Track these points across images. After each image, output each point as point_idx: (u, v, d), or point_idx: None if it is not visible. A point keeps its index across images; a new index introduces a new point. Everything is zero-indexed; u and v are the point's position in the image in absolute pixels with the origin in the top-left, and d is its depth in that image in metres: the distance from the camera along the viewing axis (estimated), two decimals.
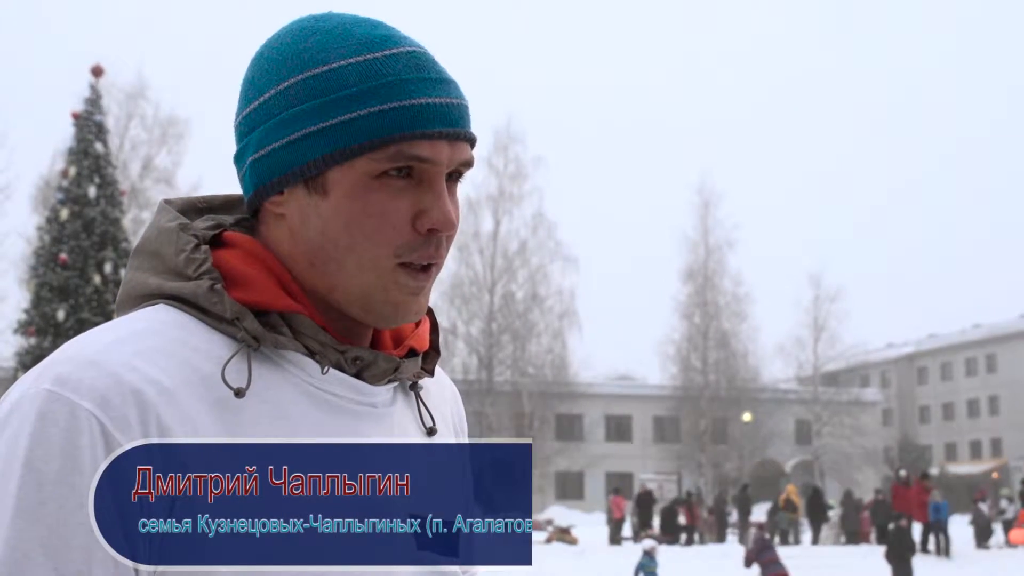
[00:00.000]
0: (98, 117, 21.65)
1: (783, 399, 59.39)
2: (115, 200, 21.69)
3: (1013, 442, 75.21)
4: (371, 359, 1.20)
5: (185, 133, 38.00)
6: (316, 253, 1.18)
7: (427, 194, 1.18)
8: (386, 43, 1.19)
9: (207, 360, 1.13)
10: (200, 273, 1.16)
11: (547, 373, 52.06)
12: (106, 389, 1.06)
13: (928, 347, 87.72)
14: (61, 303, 20.52)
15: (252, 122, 1.21)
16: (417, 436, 1.29)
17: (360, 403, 1.21)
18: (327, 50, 1.18)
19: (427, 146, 1.16)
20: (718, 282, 54.45)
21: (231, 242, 1.23)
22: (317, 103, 1.16)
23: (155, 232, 1.22)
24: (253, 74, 1.23)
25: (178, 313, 1.16)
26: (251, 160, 1.21)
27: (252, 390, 1.13)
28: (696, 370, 54.47)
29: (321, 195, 1.17)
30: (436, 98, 1.17)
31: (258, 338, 1.14)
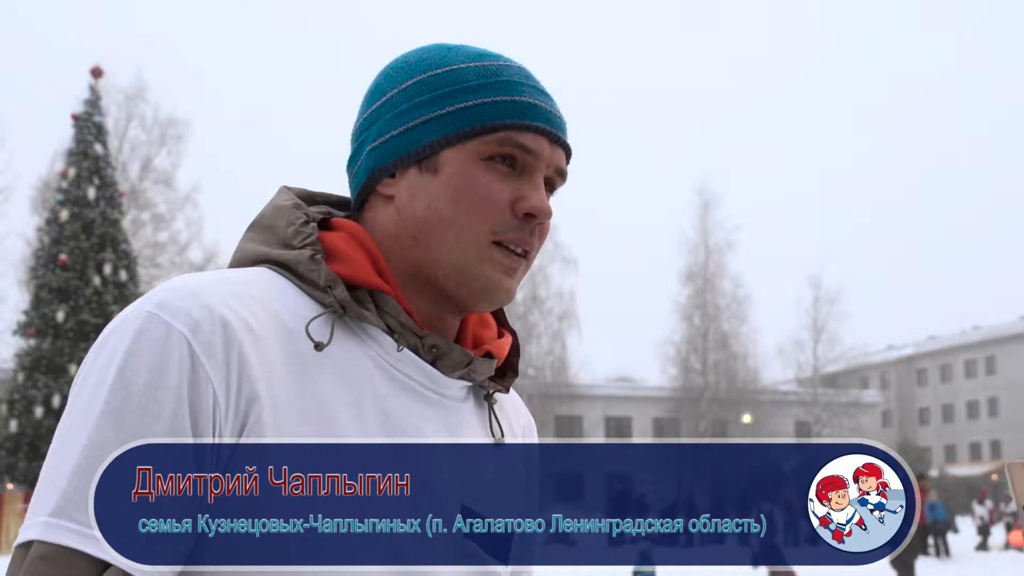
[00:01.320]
0: (97, 118, 21.69)
1: (783, 401, 59.36)
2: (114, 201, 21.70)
3: (1012, 444, 75.18)
4: (447, 349, 1.28)
5: (184, 134, 37.91)
6: (420, 227, 1.27)
7: (527, 183, 1.28)
8: (499, 57, 1.33)
9: (294, 317, 1.21)
10: (304, 244, 1.26)
11: (547, 374, 52.07)
12: (200, 316, 1.15)
13: (928, 349, 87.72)
14: (61, 304, 20.52)
15: (372, 119, 1.32)
16: (482, 439, 1.34)
17: (430, 390, 1.28)
18: (447, 57, 1.31)
19: (532, 138, 1.28)
20: (718, 284, 54.47)
21: (337, 226, 1.32)
22: (436, 94, 1.28)
23: (271, 209, 1.33)
24: (376, 83, 1.35)
25: (277, 276, 1.25)
26: (369, 149, 1.31)
27: (329, 351, 1.21)
28: (696, 372, 54.48)
29: (432, 174, 1.27)
30: (542, 103, 1.30)
31: (344, 306, 1.23)
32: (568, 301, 52.38)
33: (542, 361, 52.40)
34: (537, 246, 1.30)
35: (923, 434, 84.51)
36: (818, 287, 56.54)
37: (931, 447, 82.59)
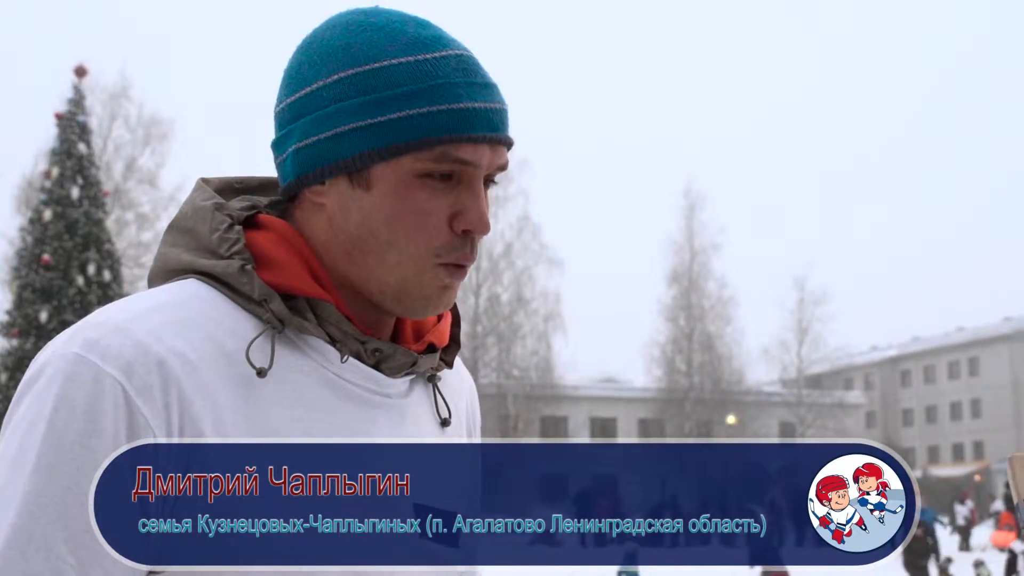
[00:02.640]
0: (81, 118, 21.59)
1: (767, 402, 59.52)
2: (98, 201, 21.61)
3: (995, 445, 75.52)
4: (390, 352, 1.24)
5: (169, 133, 37.85)
6: (355, 244, 1.22)
7: (465, 195, 1.22)
8: (436, 44, 1.22)
9: (232, 337, 1.16)
10: (232, 253, 1.20)
11: (532, 375, 52.07)
12: (132, 357, 1.09)
13: (911, 350, 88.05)
14: (44, 304, 20.43)
15: (297, 111, 1.23)
16: (430, 427, 1.32)
17: (375, 393, 1.24)
18: (377, 47, 1.21)
19: (471, 149, 1.20)
20: (703, 285, 54.59)
21: (265, 225, 1.25)
22: (367, 99, 1.19)
23: (191, 209, 1.26)
24: (300, 62, 1.25)
25: (208, 289, 1.19)
26: (295, 148, 1.23)
27: (273, 371, 1.16)
28: (681, 373, 54.57)
29: (364, 189, 1.20)
30: (482, 103, 1.21)
31: (283, 321, 1.18)
32: (553, 302, 52.37)
33: (527, 362, 52.38)
34: (475, 256, 1.26)
35: (906, 435, 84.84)
36: (803, 288, 56.77)
37: (914, 448, 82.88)
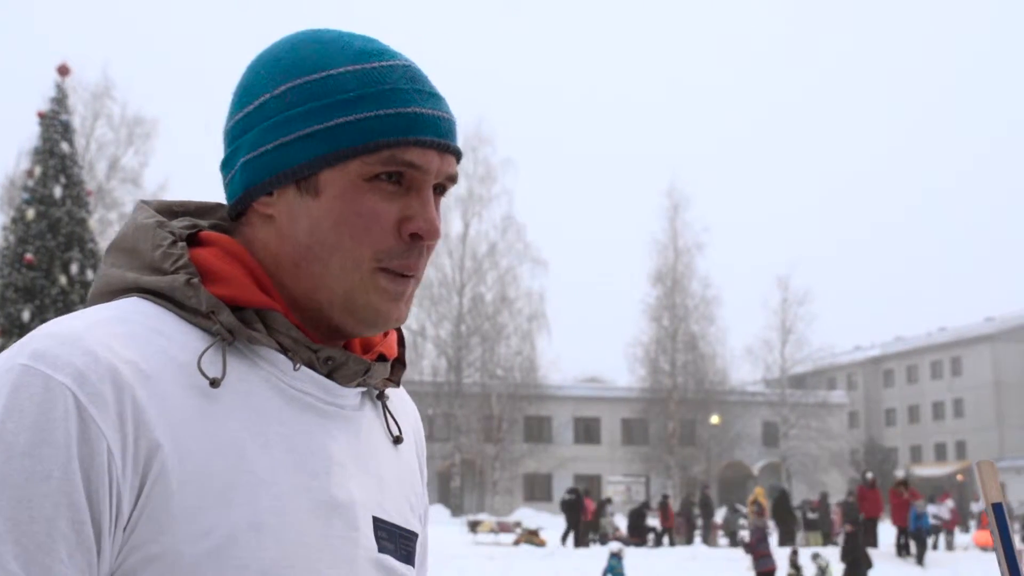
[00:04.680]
0: (64, 117, 21.50)
1: (751, 402, 59.65)
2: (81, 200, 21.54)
3: (977, 444, 75.84)
4: (343, 360, 1.21)
5: (152, 133, 37.82)
6: (303, 253, 1.20)
7: (414, 200, 1.20)
8: (383, 55, 1.22)
9: (183, 350, 1.13)
10: (176, 268, 1.17)
11: (516, 375, 52.06)
12: (83, 365, 1.06)
13: (894, 350, 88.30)
14: (26, 304, 20.36)
15: (245, 126, 1.22)
16: (384, 444, 1.31)
17: (329, 403, 1.22)
18: (324, 58, 1.21)
19: (418, 153, 1.19)
20: (687, 285, 54.66)
21: (208, 240, 1.23)
22: (313, 106, 1.18)
23: (132, 229, 1.23)
24: (248, 81, 1.24)
25: (153, 306, 1.16)
26: (243, 161, 1.21)
27: (226, 382, 1.14)
28: (664, 372, 54.63)
29: (312, 196, 1.19)
30: (429, 109, 1.20)
31: (233, 332, 1.16)
32: (537, 302, 52.43)
33: (511, 362, 52.38)
34: (423, 266, 1.23)
35: (889, 434, 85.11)
36: (786, 288, 56.91)
37: (897, 447, 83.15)
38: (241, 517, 1.09)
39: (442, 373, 51.42)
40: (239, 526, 1.09)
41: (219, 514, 1.08)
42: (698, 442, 55.60)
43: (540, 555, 25.30)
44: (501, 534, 32.17)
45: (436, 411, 50.84)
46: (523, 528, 32.07)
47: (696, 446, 55.46)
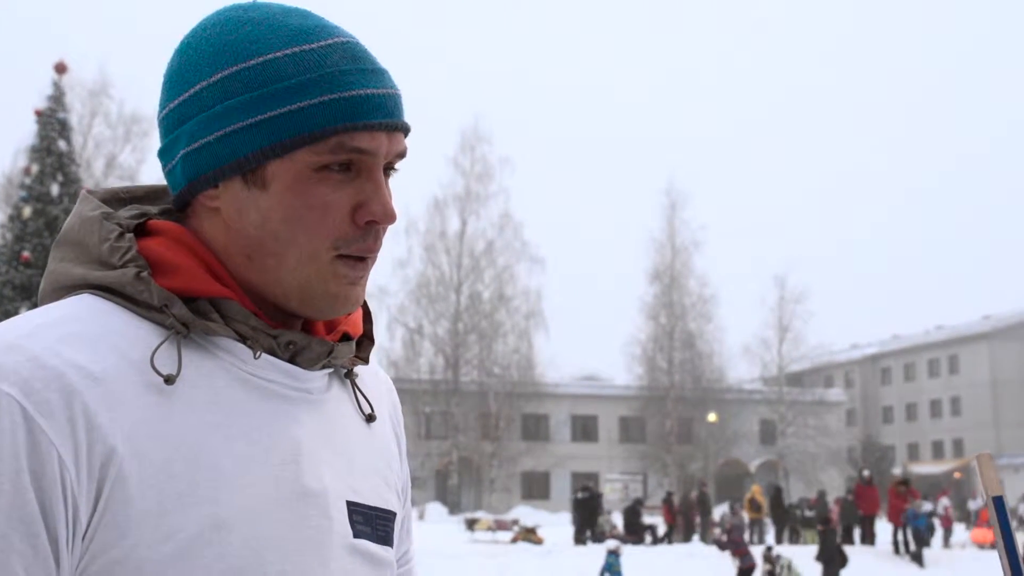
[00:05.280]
0: (61, 114, 21.50)
1: (748, 399, 59.67)
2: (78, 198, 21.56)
3: (975, 442, 75.90)
4: (305, 343, 1.18)
5: (149, 130, 37.71)
6: (254, 247, 1.16)
7: (366, 185, 1.17)
8: (320, 34, 1.17)
9: (135, 347, 1.10)
10: (125, 261, 1.14)
11: (513, 373, 52.08)
12: (28, 373, 1.02)
13: (891, 348, 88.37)
14: (24, 301, 20.36)
15: (182, 115, 1.17)
16: (355, 423, 1.28)
17: (295, 388, 1.19)
18: (259, 41, 1.15)
19: (367, 137, 1.15)
20: (684, 283, 54.73)
21: (156, 230, 1.19)
22: (254, 95, 1.14)
23: (77, 222, 1.19)
24: (179, 65, 1.19)
25: (104, 302, 1.13)
26: (183, 153, 1.17)
27: (183, 377, 1.10)
28: (662, 370, 54.68)
29: (260, 188, 1.15)
30: (374, 89, 1.16)
31: (187, 324, 1.12)
32: (535, 300, 52.46)
33: (508, 360, 52.40)
34: (379, 247, 1.20)
35: (887, 432, 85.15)
36: (783, 286, 56.95)
37: (895, 445, 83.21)
38: (204, 516, 1.06)
39: (439, 371, 51.43)
40: (203, 526, 1.06)
41: (181, 515, 1.05)
42: (695, 440, 55.63)
43: (538, 553, 25.28)
44: (498, 532, 32.16)
45: (433, 409, 50.86)
46: (520, 526, 32.06)
47: (693, 444, 55.50)
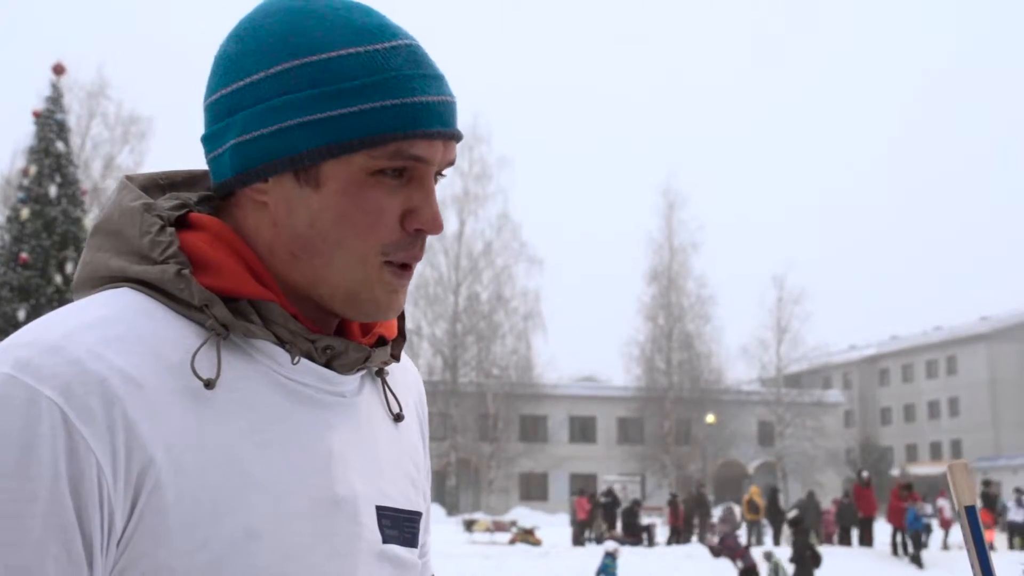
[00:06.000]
0: (59, 115, 21.47)
1: (746, 401, 59.66)
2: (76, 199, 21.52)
3: (973, 443, 75.97)
4: (342, 349, 1.18)
5: (147, 132, 37.84)
6: (301, 246, 1.15)
7: (417, 193, 1.17)
8: (384, 34, 1.16)
9: (175, 349, 1.09)
10: (166, 257, 1.12)
11: (512, 374, 52.10)
12: (70, 377, 1.01)
13: (890, 349, 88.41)
14: (22, 303, 20.33)
15: (234, 103, 1.16)
16: (384, 423, 1.28)
17: (329, 392, 1.19)
18: (323, 36, 1.14)
19: (425, 146, 1.15)
20: (682, 284, 54.74)
21: (198, 224, 1.18)
22: (314, 92, 1.12)
23: (116, 211, 1.17)
24: (235, 51, 1.17)
25: (144, 298, 1.12)
26: (234, 143, 1.15)
27: (221, 380, 1.10)
28: (660, 371, 54.69)
29: (313, 187, 1.14)
30: (434, 96, 1.15)
31: (227, 326, 1.11)
32: (533, 301, 52.46)
33: (507, 361, 52.41)
34: (422, 255, 1.20)
35: (885, 434, 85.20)
36: (781, 287, 56.93)
37: (893, 447, 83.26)
38: (237, 526, 1.06)
39: (438, 372, 51.40)
40: (235, 536, 1.06)
41: (215, 525, 1.05)
42: (694, 441, 55.65)
43: (536, 554, 25.28)
44: (497, 533, 32.16)
45: (432, 410, 50.59)
46: (519, 527, 32.07)
47: (692, 445, 55.52)
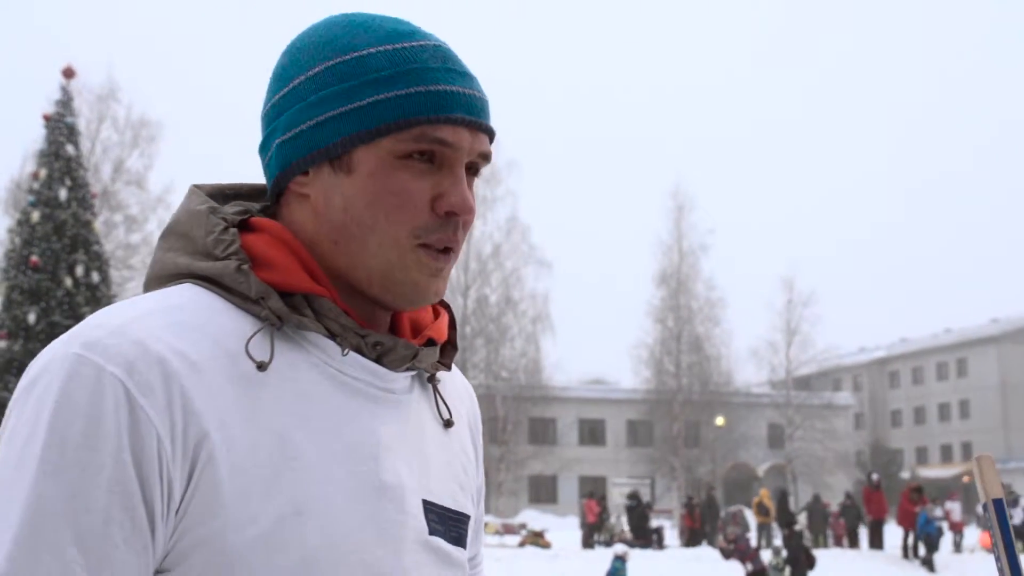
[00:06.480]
0: (69, 119, 21.52)
1: (756, 403, 59.54)
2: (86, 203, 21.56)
3: (983, 445, 75.71)
4: (391, 345, 1.24)
5: (157, 135, 37.75)
6: (339, 231, 1.22)
7: (446, 178, 1.22)
8: (413, 35, 1.24)
9: (232, 337, 1.16)
10: (228, 254, 1.20)
11: (520, 377, 52.03)
12: (133, 356, 1.08)
13: (900, 351, 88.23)
14: (32, 306, 20.37)
15: (280, 108, 1.25)
16: (434, 427, 1.33)
17: (378, 388, 1.24)
18: (356, 39, 1.23)
19: (449, 131, 1.20)
20: (691, 286, 54.60)
21: (258, 227, 1.26)
22: (345, 86, 1.20)
23: (185, 214, 1.26)
24: (282, 64, 1.27)
25: (205, 292, 1.19)
26: (278, 142, 1.24)
27: (274, 367, 1.16)
28: (669, 374, 54.57)
29: (346, 173, 1.21)
30: (460, 87, 1.22)
31: (281, 317, 1.18)
32: (542, 303, 52.37)
33: (515, 363, 52.34)
34: (462, 239, 1.25)
35: (895, 436, 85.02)
36: (791, 290, 56.73)
37: (903, 449, 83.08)
38: (286, 503, 1.12)
39: None
40: (284, 512, 1.11)
41: (265, 501, 1.11)
42: (703, 444, 55.52)
43: (545, 557, 25.27)
44: (506, 536, 32.17)
45: None
46: (528, 530, 32.06)
47: (701, 448, 55.38)
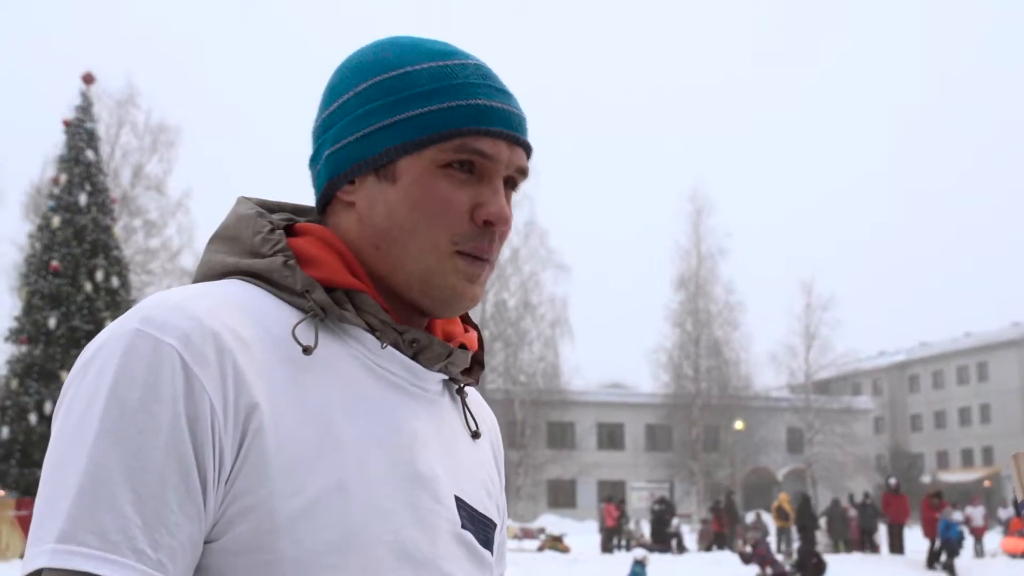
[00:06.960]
0: (89, 124, 21.65)
1: (775, 407, 59.35)
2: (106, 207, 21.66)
3: (1004, 450, 75.25)
4: (427, 342, 1.29)
5: (176, 140, 37.87)
6: (382, 236, 1.28)
7: (485, 189, 1.29)
8: (456, 55, 1.32)
9: (278, 324, 1.22)
10: (275, 251, 1.26)
11: (539, 381, 51.99)
12: (189, 329, 1.14)
13: (920, 355, 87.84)
14: (52, 311, 20.47)
15: (329, 123, 1.32)
16: (463, 435, 1.38)
17: (413, 384, 1.29)
18: (401, 57, 1.30)
19: (489, 143, 1.27)
20: (710, 290, 54.48)
21: (303, 231, 1.32)
22: (391, 99, 1.28)
23: (234, 219, 1.32)
24: (332, 83, 1.35)
25: (252, 286, 1.25)
26: (327, 154, 1.31)
27: (317, 355, 1.22)
28: (688, 378, 54.45)
29: (390, 182, 1.28)
30: (500, 103, 1.29)
31: (325, 308, 1.24)
32: (560, 307, 52.33)
33: (534, 368, 52.31)
34: (498, 249, 1.32)
35: (915, 440, 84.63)
36: (810, 293, 56.51)
37: (923, 453, 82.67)
38: (330, 478, 1.16)
39: None
40: (328, 487, 1.16)
41: (310, 474, 1.15)
42: (722, 448, 55.37)
43: (564, 561, 25.24)
44: (525, 540, 32.17)
45: None
46: (547, 534, 32.06)
47: (720, 452, 55.24)
